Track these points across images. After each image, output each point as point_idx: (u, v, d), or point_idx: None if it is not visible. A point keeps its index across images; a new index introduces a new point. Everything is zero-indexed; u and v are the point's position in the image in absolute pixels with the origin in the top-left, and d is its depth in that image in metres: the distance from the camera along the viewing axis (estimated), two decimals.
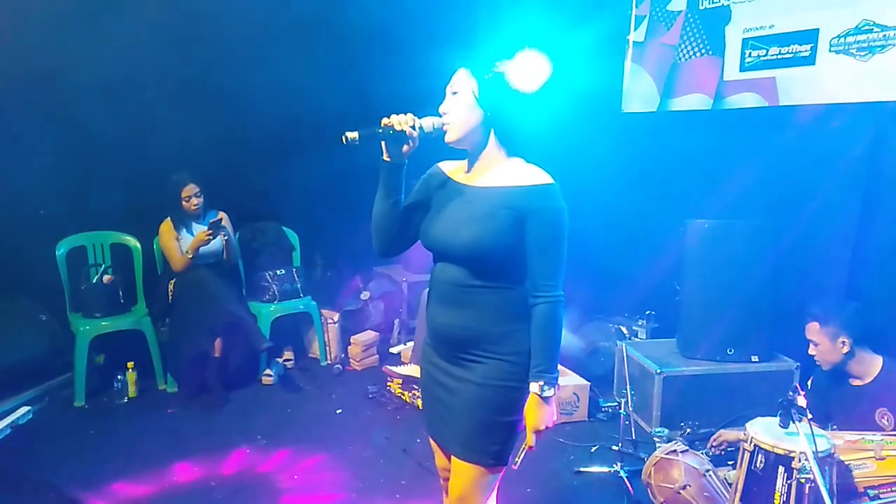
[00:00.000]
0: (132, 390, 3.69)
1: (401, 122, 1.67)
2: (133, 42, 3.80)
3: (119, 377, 3.64)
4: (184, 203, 3.72)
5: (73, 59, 3.62)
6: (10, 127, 3.61)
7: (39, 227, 3.73)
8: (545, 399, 1.66)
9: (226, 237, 3.79)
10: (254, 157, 4.34)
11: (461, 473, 1.75)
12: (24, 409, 3.38)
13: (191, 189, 3.72)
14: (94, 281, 3.74)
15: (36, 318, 3.62)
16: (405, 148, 1.71)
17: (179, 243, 3.71)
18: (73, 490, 2.74)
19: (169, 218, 3.74)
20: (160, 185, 3.76)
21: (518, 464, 1.72)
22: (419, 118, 1.70)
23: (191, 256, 3.65)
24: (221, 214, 3.83)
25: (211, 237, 3.65)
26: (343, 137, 1.64)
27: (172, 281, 3.73)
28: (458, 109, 1.70)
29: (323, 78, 4.33)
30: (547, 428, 1.69)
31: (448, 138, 1.72)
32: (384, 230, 1.81)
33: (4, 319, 3.51)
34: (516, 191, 1.67)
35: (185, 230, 3.75)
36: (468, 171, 1.78)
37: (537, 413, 1.67)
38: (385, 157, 1.72)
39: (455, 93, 1.71)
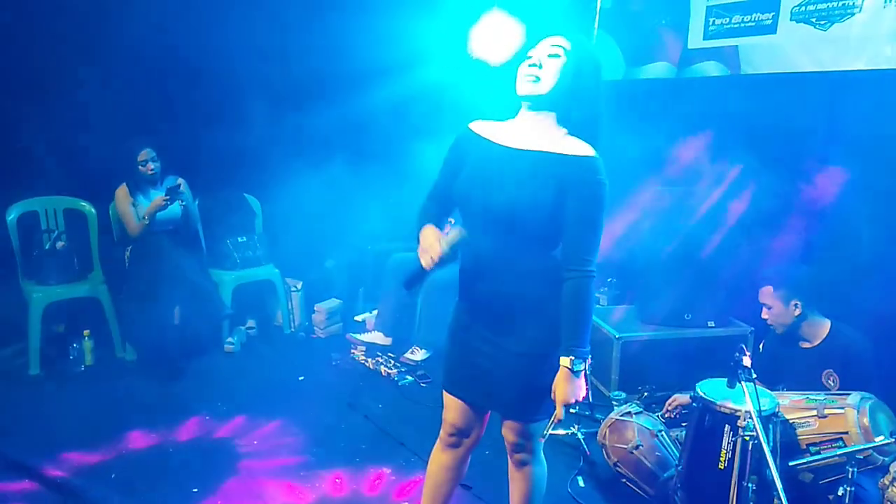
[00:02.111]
0: (89, 358, 3.63)
1: (432, 259, 1.69)
2: (88, 3, 3.65)
3: (75, 345, 3.57)
4: (140, 168, 3.62)
5: (30, 18, 3.47)
6: None
7: None
8: (576, 373, 1.67)
9: (184, 203, 3.71)
10: (214, 121, 4.23)
11: (515, 428, 1.87)
12: None
13: (146, 153, 3.62)
14: (48, 247, 3.64)
15: None
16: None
17: (136, 209, 3.62)
18: (25, 458, 2.69)
19: (125, 183, 3.65)
20: (116, 149, 3.65)
21: (546, 435, 1.80)
22: (445, 245, 1.69)
23: (147, 222, 3.57)
24: (180, 180, 3.74)
25: (168, 202, 3.57)
26: (407, 290, 1.78)
27: (129, 248, 3.65)
28: (553, 69, 1.69)
29: (285, 40, 4.22)
30: (577, 401, 1.70)
31: (538, 88, 1.69)
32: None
33: None
34: (560, 158, 1.67)
35: (141, 196, 3.66)
36: (509, 133, 1.77)
37: (567, 387, 1.68)
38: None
39: (554, 55, 1.70)
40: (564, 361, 1.68)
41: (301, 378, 3.64)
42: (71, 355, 3.57)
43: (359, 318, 4.42)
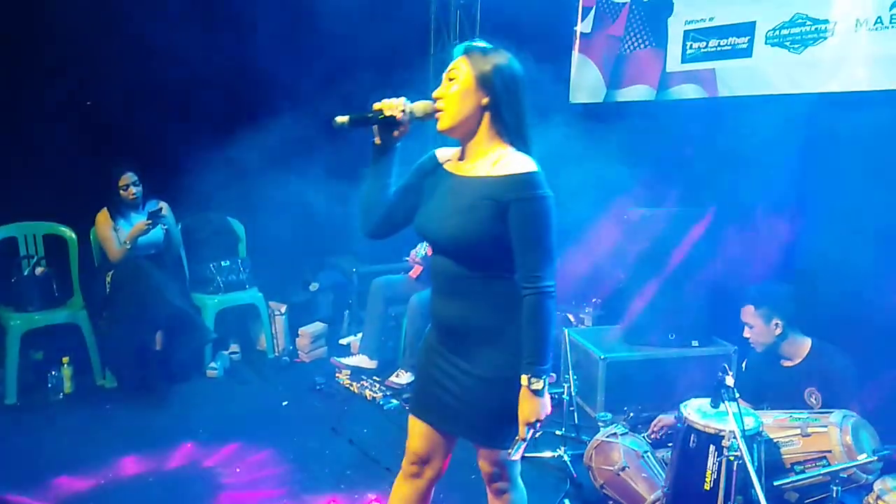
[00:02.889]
0: (68, 386, 3.56)
1: (392, 106, 1.67)
2: (68, 23, 3.65)
3: (53, 373, 3.51)
4: (121, 192, 3.60)
5: (8, 42, 3.46)
6: None
7: None
8: (535, 392, 1.65)
9: (166, 227, 3.68)
10: (197, 145, 4.22)
11: (488, 457, 1.84)
12: None
13: (128, 178, 3.60)
14: (26, 273, 3.60)
15: None
16: (396, 133, 1.70)
17: (117, 234, 3.59)
18: (1, 490, 2.62)
19: (106, 208, 3.62)
20: (97, 173, 3.63)
21: (512, 454, 1.74)
22: (411, 102, 1.69)
23: (129, 247, 3.54)
24: (162, 204, 3.72)
25: (150, 227, 3.54)
26: (333, 122, 1.63)
27: (110, 273, 3.61)
28: (453, 97, 1.68)
29: (271, 62, 4.23)
30: (538, 420, 1.67)
31: (440, 126, 1.70)
32: (371, 213, 1.80)
33: None
34: (498, 180, 1.65)
35: (122, 220, 3.63)
36: (460, 160, 1.77)
37: (528, 406, 1.66)
38: (376, 141, 1.71)
39: (451, 79, 1.69)
40: (523, 380, 1.65)
41: (285, 403, 3.59)
42: (49, 383, 3.50)
43: (343, 341, 4.39)
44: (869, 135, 2.91)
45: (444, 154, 1.85)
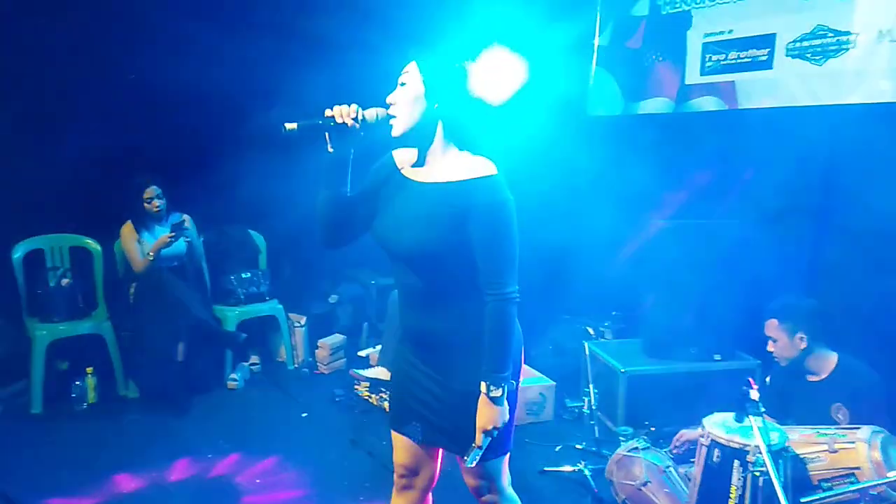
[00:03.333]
0: (92, 396, 3.60)
1: (343, 113, 1.61)
2: (95, 40, 3.74)
3: (77, 383, 3.55)
4: (145, 205, 3.66)
5: (37, 57, 3.55)
6: None
7: None
8: (493, 399, 1.61)
9: (188, 240, 3.74)
10: (220, 158, 4.28)
11: (471, 471, 1.77)
12: None
13: (152, 191, 3.66)
14: (53, 285, 3.66)
15: None
16: (349, 141, 1.65)
17: (141, 246, 3.64)
18: (27, 499, 2.65)
19: (130, 220, 3.68)
20: (121, 186, 3.69)
21: (468, 461, 1.68)
22: (364, 109, 1.64)
23: (152, 259, 3.59)
24: (185, 217, 3.77)
25: (173, 239, 3.59)
26: (283, 127, 1.58)
27: (133, 284, 3.67)
28: (405, 101, 1.64)
29: (292, 78, 4.29)
30: (495, 428, 1.63)
31: (394, 132, 1.66)
32: (328, 222, 1.75)
33: None
34: (456, 186, 1.61)
35: (146, 233, 3.69)
36: (416, 165, 1.72)
37: (485, 413, 1.63)
38: (329, 149, 1.65)
39: (403, 84, 1.66)
40: (482, 387, 1.61)
41: (304, 415, 3.61)
42: (73, 393, 3.54)
43: (362, 353, 4.40)
44: (892, 147, 2.89)
45: (402, 156, 1.78)
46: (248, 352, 4.19)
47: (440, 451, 1.88)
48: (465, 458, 1.68)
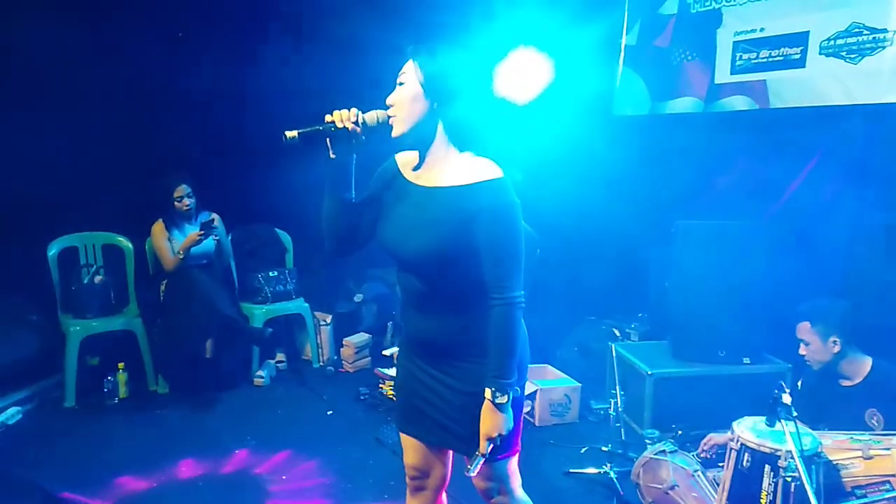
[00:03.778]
0: (123, 391, 3.68)
1: (343, 118, 1.60)
2: (128, 38, 3.81)
3: (109, 378, 3.63)
4: (175, 204, 3.72)
5: (72, 59, 3.64)
6: (2, 127, 3.61)
7: (31, 227, 3.72)
8: (498, 406, 1.58)
9: (217, 238, 3.79)
10: (247, 158, 4.34)
11: (482, 472, 1.73)
12: (14, 409, 3.40)
13: (182, 190, 3.72)
14: (86, 281, 3.74)
15: (27, 319, 3.62)
16: (350, 145, 1.63)
17: (171, 244, 3.70)
18: (59, 490, 2.72)
19: (161, 219, 3.74)
20: (152, 185, 3.76)
21: (471, 471, 1.65)
22: (364, 112, 1.62)
23: (182, 257, 3.64)
24: (214, 216, 3.82)
25: (202, 238, 3.64)
26: (283, 136, 1.56)
27: (164, 282, 3.73)
28: (403, 101, 1.61)
29: (318, 78, 4.33)
30: (500, 435, 1.61)
31: (393, 132, 1.63)
32: (334, 230, 1.73)
33: None
34: (462, 190, 1.58)
35: (176, 231, 3.75)
36: (418, 168, 1.69)
37: (490, 420, 1.60)
38: (330, 155, 1.63)
39: (402, 83, 1.62)
40: (487, 393, 1.59)
41: (329, 413, 3.64)
42: (105, 388, 3.62)
43: (387, 352, 4.41)
44: None
45: (405, 159, 1.75)
46: (274, 349, 4.24)
47: (450, 451, 1.87)
48: (468, 467, 1.65)
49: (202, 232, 3.63)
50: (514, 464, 1.80)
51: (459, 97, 1.62)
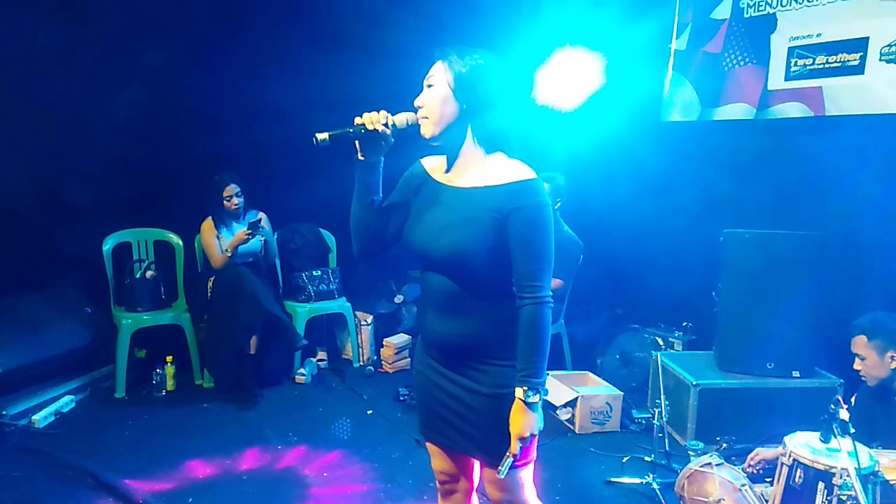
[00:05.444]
0: (170, 384, 3.78)
1: (373, 120, 1.62)
2: (182, 45, 3.94)
3: (158, 371, 3.73)
4: (225, 202, 3.81)
5: (126, 60, 3.77)
6: (61, 127, 3.76)
7: (88, 222, 3.86)
8: (530, 406, 1.57)
9: (264, 238, 3.86)
10: (293, 159, 4.41)
11: (494, 482, 1.73)
12: (68, 397, 3.53)
13: (232, 189, 3.81)
14: (138, 276, 3.86)
15: (81, 311, 3.75)
16: (379, 147, 1.65)
17: (219, 242, 3.79)
18: (109, 477, 2.81)
19: (210, 217, 3.84)
20: (203, 184, 3.86)
21: (502, 472, 1.63)
22: (393, 114, 1.64)
23: (230, 255, 3.73)
24: (261, 215, 3.90)
25: (250, 237, 3.72)
26: (313, 139, 1.59)
27: (212, 278, 3.82)
28: (433, 103, 1.62)
29: (364, 84, 4.39)
30: (532, 436, 1.60)
31: (423, 132, 1.65)
32: (362, 232, 1.74)
33: (52, 311, 3.63)
34: (496, 190, 1.59)
35: (225, 229, 3.83)
36: (448, 170, 1.70)
37: (521, 420, 1.58)
38: (359, 157, 1.66)
39: (430, 85, 1.64)
40: (518, 393, 1.58)
41: (370, 412, 3.67)
42: (154, 380, 3.73)
43: None
44: None
45: (431, 163, 1.76)
46: (315, 348, 4.29)
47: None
48: (500, 468, 1.64)
49: (250, 231, 3.71)
50: (529, 473, 1.77)
51: (489, 98, 1.63)
